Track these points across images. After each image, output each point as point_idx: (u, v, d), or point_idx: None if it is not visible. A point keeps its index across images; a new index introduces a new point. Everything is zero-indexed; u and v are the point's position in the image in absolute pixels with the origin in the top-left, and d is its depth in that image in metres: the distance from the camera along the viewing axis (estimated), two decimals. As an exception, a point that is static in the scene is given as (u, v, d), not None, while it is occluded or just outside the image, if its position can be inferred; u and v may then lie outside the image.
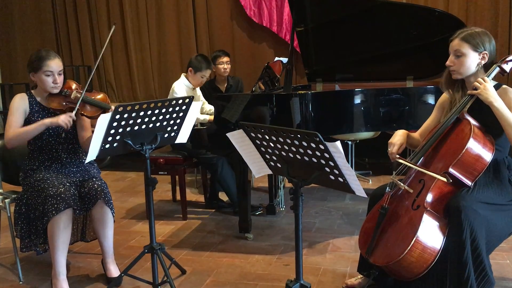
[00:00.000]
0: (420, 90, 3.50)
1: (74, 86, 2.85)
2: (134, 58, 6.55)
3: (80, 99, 2.74)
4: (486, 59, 2.31)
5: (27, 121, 2.79)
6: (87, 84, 2.87)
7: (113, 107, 2.67)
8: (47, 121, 2.69)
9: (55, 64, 2.74)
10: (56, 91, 2.78)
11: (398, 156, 2.33)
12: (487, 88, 2.20)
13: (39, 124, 2.69)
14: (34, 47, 6.81)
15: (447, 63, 2.35)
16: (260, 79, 3.67)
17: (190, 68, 4.08)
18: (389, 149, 2.40)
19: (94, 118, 2.82)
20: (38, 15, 6.87)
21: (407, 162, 2.27)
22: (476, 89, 2.23)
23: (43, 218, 2.61)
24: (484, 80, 2.22)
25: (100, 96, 2.86)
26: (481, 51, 2.30)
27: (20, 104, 2.78)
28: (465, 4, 5.32)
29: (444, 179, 2.14)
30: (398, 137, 2.43)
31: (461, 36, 2.32)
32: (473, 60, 2.30)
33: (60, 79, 2.77)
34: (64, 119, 2.66)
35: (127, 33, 6.48)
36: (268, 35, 5.99)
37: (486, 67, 2.33)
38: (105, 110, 2.76)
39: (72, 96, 2.78)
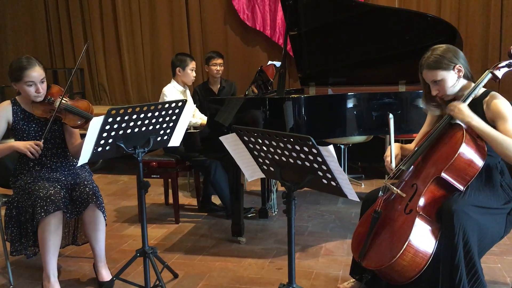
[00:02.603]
0: (412, 94, 3.51)
1: (57, 92, 2.81)
2: (127, 61, 6.53)
3: (58, 106, 2.69)
4: (463, 70, 2.31)
5: (13, 129, 2.79)
6: (66, 88, 2.81)
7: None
8: (16, 146, 2.68)
9: (36, 73, 2.69)
10: (40, 99, 2.75)
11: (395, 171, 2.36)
12: (461, 109, 2.24)
13: (8, 146, 2.71)
14: (26, 48, 6.78)
15: (432, 93, 2.36)
16: (253, 82, 3.67)
17: (178, 69, 4.08)
18: (387, 159, 2.43)
19: (75, 128, 2.80)
20: (31, 16, 6.84)
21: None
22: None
23: (33, 221, 2.60)
24: (454, 105, 2.25)
25: (82, 104, 2.80)
26: (453, 66, 2.29)
27: (1, 114, 2.76)
28: (456, 9, 5.36)
29: None
30: (393, 148, 2.45)
31: (427, 65, 2.31)
32: (452, 78, 2.31)
33: (42, 87, 2.74)
34: (30, 148, 2.63)
35: (120, 35, 6.46)
36: (262, 39, 6.01)
37: (466, 76, 2.34)
38: (87, 120, 2.71)
39: (55, 104, 2.74)
